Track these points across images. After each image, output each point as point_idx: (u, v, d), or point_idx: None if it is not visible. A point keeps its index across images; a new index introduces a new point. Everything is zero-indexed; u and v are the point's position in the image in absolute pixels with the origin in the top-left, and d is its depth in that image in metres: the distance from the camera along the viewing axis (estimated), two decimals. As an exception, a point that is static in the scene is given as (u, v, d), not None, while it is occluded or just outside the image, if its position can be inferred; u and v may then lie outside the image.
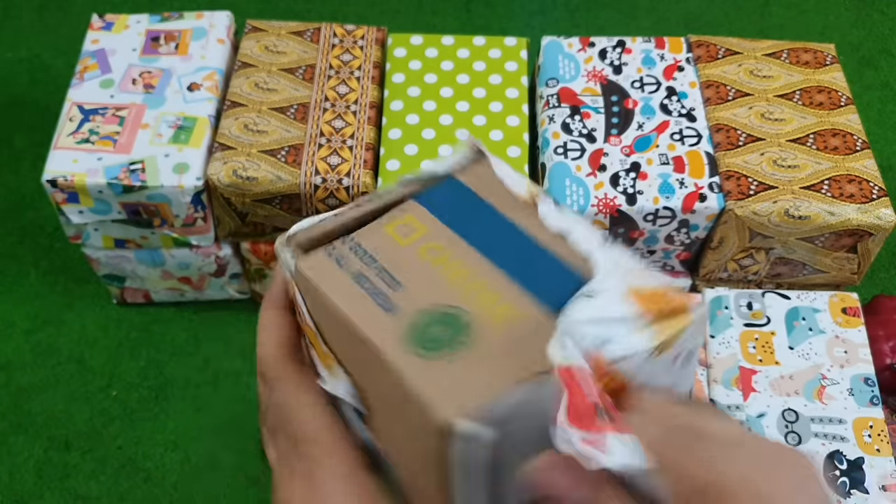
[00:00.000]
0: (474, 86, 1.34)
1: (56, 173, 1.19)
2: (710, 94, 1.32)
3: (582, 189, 1.21)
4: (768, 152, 1.25)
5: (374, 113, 1.31)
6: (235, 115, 1.28)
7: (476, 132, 1.28)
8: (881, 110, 1.77)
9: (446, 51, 1.38)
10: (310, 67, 1.35)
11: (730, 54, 1.37)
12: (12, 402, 1.36)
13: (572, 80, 1.33)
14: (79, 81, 1.30)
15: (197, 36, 1.36)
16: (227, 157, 1.22)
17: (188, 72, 1.32)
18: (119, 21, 1.38)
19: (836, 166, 1.24)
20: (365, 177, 1.23)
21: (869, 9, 1.96)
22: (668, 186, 1.21)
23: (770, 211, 1.19)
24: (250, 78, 1.32)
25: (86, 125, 1.25)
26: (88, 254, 1.33)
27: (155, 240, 1.30)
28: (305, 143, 1.25)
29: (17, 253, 1.53)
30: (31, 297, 1.47)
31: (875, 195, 1.20)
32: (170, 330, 1.44)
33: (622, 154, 1.24)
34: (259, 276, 1.39)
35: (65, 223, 1.27)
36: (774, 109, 1.30)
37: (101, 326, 1.44)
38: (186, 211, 1.23)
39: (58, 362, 1.40)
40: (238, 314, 1.47)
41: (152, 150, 1.22)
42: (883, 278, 1.53)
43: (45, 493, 1.27)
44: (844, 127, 1.28)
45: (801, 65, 1.36)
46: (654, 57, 1.36)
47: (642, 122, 1.28)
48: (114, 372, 1.39)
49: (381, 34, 1.42)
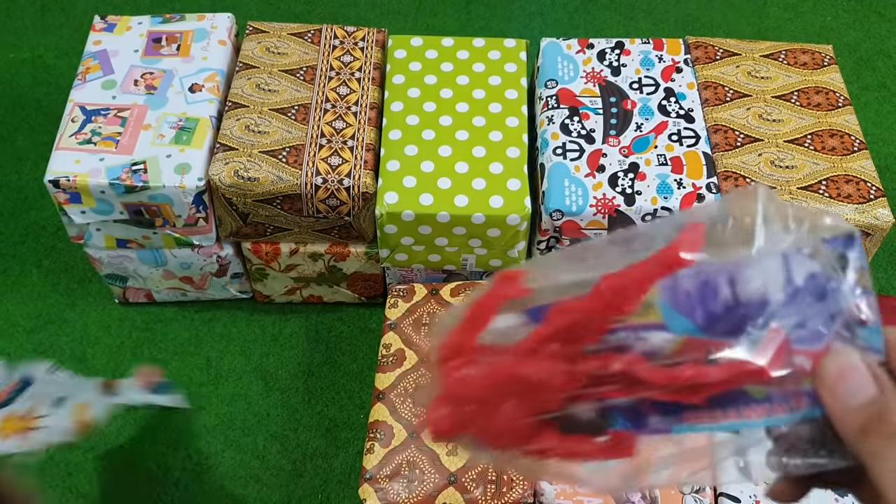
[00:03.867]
0: (474, 87, 1.34)
1: (58, 174, 1.20)
2: (709, 95, 1.33)
3: (581, 189, 1.21)
4: (766, 153, 1.26)
5: (374, 114, 1.32)
6: (237, 116, 1.28)
7: (476, 133, 1.29)
8: (879, 111, 1.77)
9: (446, 52, 1.39)
10: (310, 69, 1.36)
11: (728, 55, 1.38)
12: (15, 401, 1.36)
13: (571, 82, 1.34)
14: (81, 82, 1.31)
15: (198, 37, 1.37)
16: (229, 158, 1.23)
17: (190, 73, 1.33)
18: (121, 22, 1.39)
19: (833, 167, 1.24)
20: (365, 177, 1.23)
21: (866, 10, 1.96)
22: (666, 187, 1.22)
23: (767, 211, 1.20)
24: (251, 79, 1.33)
25: (88, 126, 1.25)
26: (90, 254, 1.34)
27: (157, 240, 1.30)
28: (306, 144, 1.26)
29: (19, 253, 1.53)
30: (33, 297, 1.48)
31: (872, 195, 1.21)
32: (171, 329, 1.45)
33: (621, 155, 1.25)
34: (260, 276, 1.40)
35: (67, 223, 1.27)
36: (772, 110, 1.31)
37: (103, 326, 1.45)
38: (188, 211, 1.24)
39: (60, 361, 1.40)
40: (239, 314, 1.47)
41: (154, 151, 1.23)
42: (881, 278, 1.54)
43: (48, 492, 1.28)
44: (842, 127, 1.29)
45: (798, 66, 1.37)
46: (652, 58, 1.37)
47: (641, 123, 1.29)
48: (116, 371, 1.40)
49: (382, 36, 1.43)
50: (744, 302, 0.32)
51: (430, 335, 0.35)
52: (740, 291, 0.32)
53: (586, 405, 0.34)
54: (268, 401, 1.38)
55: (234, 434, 1.34)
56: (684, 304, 0.33)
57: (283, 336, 1.45)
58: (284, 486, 1.29)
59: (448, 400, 0.37)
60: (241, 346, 1.43)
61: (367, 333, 1.46)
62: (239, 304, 1.49)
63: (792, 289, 0.32)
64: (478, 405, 0.36)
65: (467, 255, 1.31)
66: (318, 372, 1.41)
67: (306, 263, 1.37)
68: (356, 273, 1.39)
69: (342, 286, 1.43)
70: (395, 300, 1.24)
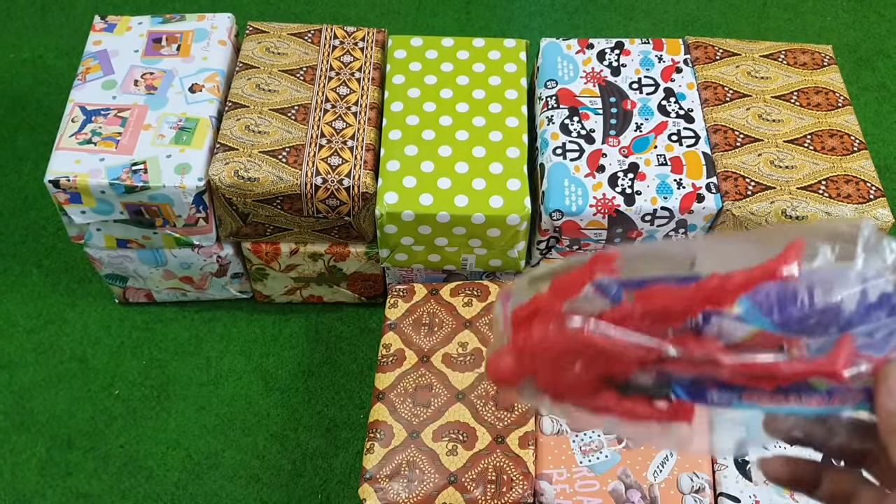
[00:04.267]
0: (474, 87, 1.34)
1: (58, 174, 1.20)
2: (708, 96, 1.33)
3: (580, 189, 1.22)
4: (766, 153, 1.26)
5: (374, 114, 1.32)
6: (237, 116, 1.29)
7: (475, 133, 1.29)
8: (878, 111, 1.78)
9: (446, 52, 1.39)
10: (310, 69, 1.36)
11: (727, 56, 1.38)
12: (15, 401, 1.37)
13: (571, 82, 1.34)
14: (81, 82, 1.31)
15: (198, 37, 1.37)
16: (229, 158, 1.23)
17: (190, 73, 1.33)
18: (121, 23, 1.39)
19: (833, 167, 1.24)
20: (365, 177, 1.24)
21: (866, 10, 1.97)
22: (665, 187, 1.22)
23: (767, 211, 1.20)
24: (251, 79, 1.33)
25: (88, 126, 1.25)
26: (91, 254, 1.34)
27: (157, 240, 1.31)
28: (306, 144, 1.26)
29: (19, 253, 1.54)
30: (33, 297, 1.48)
31: (872, 195, 1.21)
32: (171, 329, 1.45)
33: (620, 155, 1.25)
34: (260, 276, 1.40)
35: (67, 223, 1.27)
36: (772, 110, 1.31)
37: (103, 326, 1.45)
38: (188, 211, 1.24)
39: (60, 361, 1.41)
40: (239, 313, 1.47)
41: (154, 151, 1.23)
42: (880, 278, 1.54)
43: (48, 492, 1.28)
44: (842, 128, 1.29)
45: (798, 66, 1.37)
46: (652, 58, 1.37)
47: (640, 123, 1.29)
48: (116, 371, 1.40)
49: (382, 36, 1.43)
50: (819, 309, 0.38)
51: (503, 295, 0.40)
52: (818, 300, 0.38)
53: (650, 375, 0.39)
54: (268, 401, 1.38)
55: (234, 434, 1.34)
56: (763, 302, 0.38)
57: (283, 336, 1.45)
58: (284, 486, 1.29)
59: (518, 352, 0.41)
60: (241, 346, 1.44)
61: (367, 333, 1.46)
62: (239, 304, 1.49)
63: (865, 304, 0.38)
64: (552, 361, 0.40)
65: (467, 255, 1.31)
66: (318, 372, 1.41)
67: (306, 263, 1.37)
68: (356, 273, 1.39)
69: (342, 286, 1.43)
70: (395, 300, 1.24)
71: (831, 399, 0.38)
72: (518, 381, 0.42)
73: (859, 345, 0.38)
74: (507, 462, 1.08)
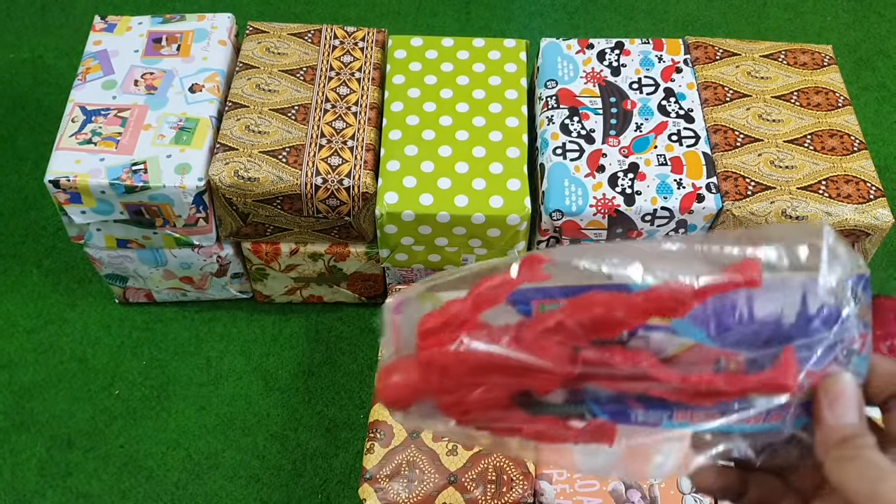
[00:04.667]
0: (474, 87, 1.34)
1: (58, 174, 1.20)
2: (708, 96, 1.33)
3: (580, 190, 1.22)
4: (766, 153, 1.26)
5: (374, 114, 1.32)
6: (237, 116, 1.29)
7: (475, 133, 1.29)
8: (878, 111, 1.78)
9: (446, 52, 1.39)
10: (310, 69, 1.36)
11: (727, 55, 1.38)
12: (15, 401, 1.37)
13: (571, 82, 1.34)
14: (81, 82, 1.31)
15: (198, 37, 1.37)
16: (229, 158, 1.23)
17: (190, 73, 1.33)
18: (121, 23, 1.39)
19: (833, 167, 1.24)
20: (365, 177, 1.24)
21: (866, 10, 1.97)
22: (666, 187, 1.22)
23: (767, 211, 1.20)
24: (251, 79, 1.33)
25: (88, 126, 1.25)
26: (91, 254, 1.34)
27: (157, 240, 1.31)
28: (306, 144, 1.26)
29: (19, 253, 1.54)
30: (33, 297, 1.48)
31: (872, 195, 1.21)
32: (172, 329, 1.45)
33: (620, 155, 1.25)
34: (260, 276, 1.40)
35: (67, 223, 1.27)
36: (772, 110, 1.31)
37: (103, 326, 1.45)
38: (188, 211, 1.24)
39: (60, 361, 1.41)
40: (239, 313, 1.47)
41: (154, 151, 1.23)
42: (880, 278, 1.54)
43: (48, 492, 1.28)
44: (842, 128, 1.29)
45: (798, 66, 1.37)
46: (652, 58, 1.37)
47: (640, 123, 1.29)
48: (116, 371, 1.40)
49: (382, 36, 1.43)
50: (759, 320, 0.36)
51: None
52: (757, 311, 0.36)
53: (561, 393, 0.36)
54: (268, 401, 1.38)
55: (234, 434, 1.34)
56: (699, 314, 0.36)
57: (283, 336, 1.45)
58: (284, 486, 1.29)
59: (424, 366, 0.37)
60: (241, 346, 1.44)
61: (367, 333, 1.46)
62: (239, 304, 1.49)
63: (805, 316, 0.36)
64: (461, 379, 0.36)
65: (467, 255, 1.31)
66: (318, 372, 1.41)
67: (306, 263, 1.37)
68: (356, 273, 1.39)
69: (342, 286, 1.43)
70: (395, 300, 1.24)
71: (769, 415, 0.36)
72: (414, 400, 0.38)
73: (798, 358, 0.36)
74: (507, 462, 1.08)
